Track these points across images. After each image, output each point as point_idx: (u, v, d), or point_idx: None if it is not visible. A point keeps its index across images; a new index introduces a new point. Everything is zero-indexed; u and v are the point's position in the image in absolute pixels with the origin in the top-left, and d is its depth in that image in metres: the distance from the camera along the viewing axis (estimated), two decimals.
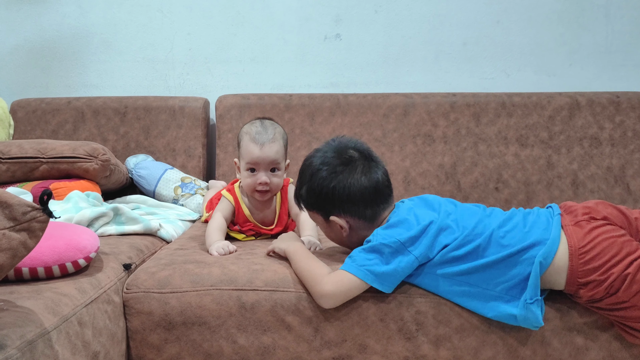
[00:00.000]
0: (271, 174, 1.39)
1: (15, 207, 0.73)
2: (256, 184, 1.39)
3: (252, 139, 1.38)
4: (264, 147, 1.37)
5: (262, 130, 1.39)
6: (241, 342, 1.12)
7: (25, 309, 0.84)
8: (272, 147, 1.38)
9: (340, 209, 1.14)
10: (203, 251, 1.32)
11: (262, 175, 1.38)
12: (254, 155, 1.37)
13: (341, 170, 1.14)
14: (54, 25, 2.21)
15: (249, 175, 1.40)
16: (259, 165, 1.38)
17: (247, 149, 1.38)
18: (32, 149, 1.62)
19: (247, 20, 2.19)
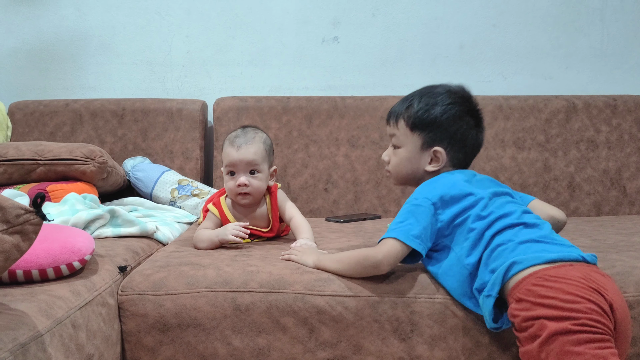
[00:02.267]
0: (251, 176, 1.40)
1: (8, 209, 0.73)
2: (236, 186, 1.40)
3: (230, 143, 1.41)
4: (241, 149, 1.39)
5: (241, 134, 1.42)
6: (236, 344, 1.13)
7: (19, 312, 0.84)
8: (249, 149, 1.39)
9: (450, 145, 1.17)
10: (199, 253, 1.32)
11: (241, 176, 1.39)
12: (232, 158, 1.39)
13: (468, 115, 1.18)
14: (52, 27, 2.21)
15: (229, 178, 1.42)
16: (236, 166, 1.39)
17: (225, 152, 1.41)
18: (30, 151, 1.63)
19: (245, 23, 2.20)
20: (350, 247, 1.35)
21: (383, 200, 1.98)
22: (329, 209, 1.98)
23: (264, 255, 1.28)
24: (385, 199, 1.98)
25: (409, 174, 1.20)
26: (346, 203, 1.98)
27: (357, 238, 1.49)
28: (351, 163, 1.99)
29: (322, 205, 1.98)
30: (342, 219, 1.80)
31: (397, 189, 1.97)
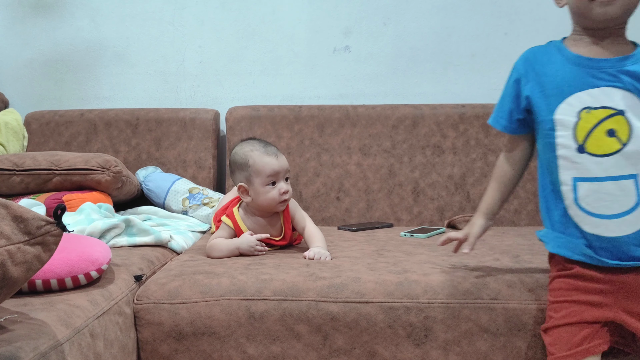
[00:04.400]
0: (286, 183, 1.43)
1: (30, 221, 0.75)
2: (279, 194, 1.40)
3: (264, 153, 1.40)
4: (279, 157, 1.41)
5: (266, 144, 1.44)
6: (250, 352, 1.14)
7: (39, 321, 0.85)
8: (283, 157, 1.43)
9: None
10: (213, 262, 1.33)
11: (283, 184, 1.41)
12: (275, 166, 1.39)
13: None
14: (68, 39, 2.25)
15: (270, 189, 1.40)
16: (278, 175, 1.40)
17: (263, 163, 1.39)
18: (46, 161, 1.65)
19: (257, 33, 2.22)
20: (363, 256, 1.36)
21: (395, 209, 1.98)
22: (341, 217, 1.99)
23: (277, 263, 1.29)
24: (397, 208, 1.98)
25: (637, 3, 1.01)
26: (358, 211, 1.98)
27: (370, 246, 1.49)
28: (363, 171, 2.00)
29: (334, 214, 1.99)
30: (355, 228, 1.81)
31: (409, 197, 1.97)
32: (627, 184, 0.96)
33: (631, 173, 0.96)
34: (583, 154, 0.98)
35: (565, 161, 1.00)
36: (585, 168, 0.98)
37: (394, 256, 1.35)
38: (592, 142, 0.98)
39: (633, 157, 0.96)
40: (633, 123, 0.96)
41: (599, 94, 0.98)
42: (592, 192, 0.98)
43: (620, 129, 0.96)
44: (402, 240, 1.58)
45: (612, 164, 0.96)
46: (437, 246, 1.23)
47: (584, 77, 0.99)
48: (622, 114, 0.96)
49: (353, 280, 1.16)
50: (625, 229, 0.96)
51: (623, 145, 0.96)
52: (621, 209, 0.96)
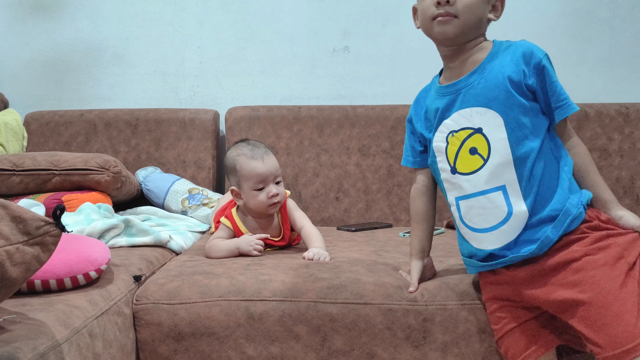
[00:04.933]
0: (277, 185, 1.41)
1: (29, 221, 0.75)
2: (268, 198, 1.39)
3: (250, 157, 1.39)
4: (265, 161, 1.39)
5: (254, 147, 1.42)
6: (250, 353, 1.14)
7: (37, 321, 0.85)
8: (271, 159, 1.41)
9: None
10: (212, 262, 1.33)
11: (272, 187, 1.40)
12: (261, 171, 1.38)
13: None
14: (68, 39, 2.25)
15: (258, 193, 1.40)
16: (266, 179, 1.39)
17: (249, 167, 1.39)
18: (45, 161, 1.65)
19: (256, 34, 2.22)
20: (362, 256, 1.36)
21: (394, 209, 1.98)
22: (340, 217, 1.99)
23: (277, 264, 1.29)
24: (396, 208, 1.98)
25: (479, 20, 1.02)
26: (357, 212, 1.99)
27: (369, 247, 1.49)
28: (362, 172, 2.00)
29: (334, 214, 1.99)
30: (354, 228, 1.81)
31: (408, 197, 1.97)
32: (495, 196, 0.99)
33: (498, 185, 0.99)
34: (456, 174, 1.04)
35: (447, 183, 1.07)
36: (461, 187, 1.03)
37: (392, 257, 1.35)
38: (460, 162, 1.03)
39: (496, 170, 0.99)
40: (490, 138, 0.99)
41: (459, 117, 1.02)
42: (470, 208, 1.03)
43: (480, 146, 1.00)
44: (401, 241, 1.58)
45: (479, 180, 1.00)
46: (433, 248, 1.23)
47: (447, 105, 1.04)
48: (479, 132, 1.00)
49: (352, 282, 1.16)
50: (504, 238, 0.99)
51: (485, 161, 1.00)
52: (496, 221, 1.00)
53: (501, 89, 0.98)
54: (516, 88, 0.98)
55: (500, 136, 0.98)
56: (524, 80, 0.98)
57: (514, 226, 0.98)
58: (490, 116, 0.99)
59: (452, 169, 1.04)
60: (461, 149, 1.02)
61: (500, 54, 1.01)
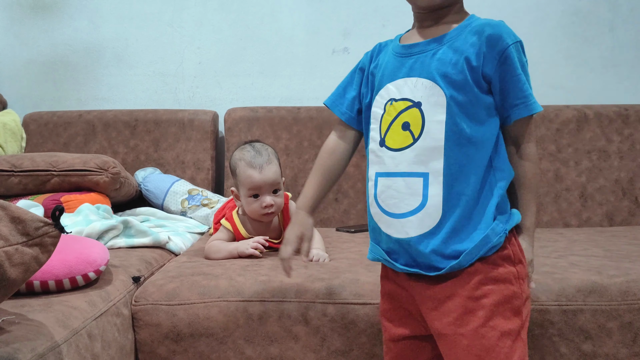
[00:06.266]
0: (274, 195, 1.40)
1: (28, 222, 0.75)
2: (261, 207, 1.39)
3: (249, 165, 1.38)
4: (263, 171, 1.37)
5: (256, 154, 1.39)
6: (248, 353, 1.13)
7: (36, 322, 0.85)
8: (271, 169, 1.38)
9: None
10: (211, 263, 1.33)
11: (267, 198, 1.38)
12: (256, 181, 1.37)
13: None
14: (67, 40, 2.24)
15: (252, 201, 1.39)
16: (261, 189, 1.38)
17: (246, 175, 1.38)
18: (44, 162, 1.65)
19: (256, 35, 2.22)
20: (361, 257, 1.36)
21: None
22: (339, 219, 1.99)
23: (276, 264, 1.29)
24: None
25: None
26: (357, 213, 1.98)
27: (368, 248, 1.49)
28: (362, 173, 2.00)
29: (333, 215, 1.99)
30: (353, 229, 1.80)
31: None
32: (415, 182, 0.87)
33: (421, 171, 0.86)
34: (383, 148, 0.91)
35: (373, 155, 0.93)
36: (384, 162, 0.90)
37: None
38: (390, 135, 0.90)
39: (423, 154, 0.86)
40: (426, 117, 0.86)
41: (403, 84, 0.89)
42: (386, 187, 0.90)
43: (413, 123, 0.87)
44: None
45: (402, 160, 0.88)
46: None
47: (397, 67, 0.91)
48: (417, 107, 0.87)
49: (351, 282, 1.16)
50: (409, 230, 0.87)
51: (414, 140, 0.87)
52: (407, 208, 0.87)
53: (455, 67, 0.85)
54: (471, 72, 0.85)
55: (439, 118, 0.85)
56: (482, 67, 0.85)
57: (423, 220, 0.86)
58: (434, 92, 0.86)
59: (382, 140, 0.91)
60: (395, 120, 0.89)
61: (469, 29, 0.87)
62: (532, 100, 0.87)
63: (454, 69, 0.85)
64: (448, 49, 0.87)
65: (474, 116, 0.86)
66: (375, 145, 0.93)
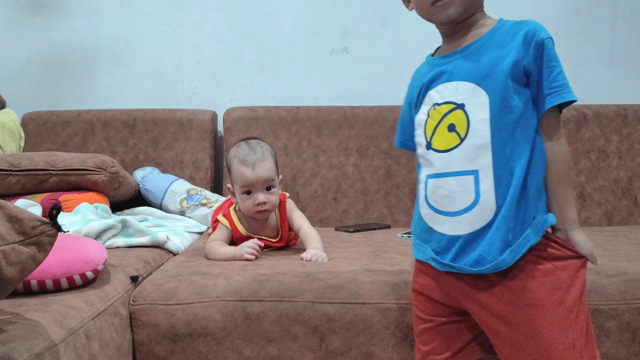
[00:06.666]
0: (267, 193, 1.40)
1: (24, 221, 0.74)
2: (254, 205, 1.39)
3: (242, 162, 1.38)
4: (256, 168, 1.37)
5: (250, 151, 1.39)
6: (247, 353, 1.13)
7: (33, 322, 0.85)
8: (264, 166, 1.38)
9: None
10: (209, 263, 1.33)
11: (259, 195, 1.38)
12: (248, 178, 1.37)
13: None
14: (65, 39, 2.24)
15: (245, 198, 1.39)
16: (254, 186, 1.38)
17: (239, 172, 1.38)
18: (42, 161, 1.65)
19: (255, 34, 2.22)
20: (360, 257, 1.36)
21: (392, 210, 1.98)
22: (338, 218, 1.98)
23: (274, 264, 1.29)
24: (394, 209, 1.98)
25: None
26: (355, 213, 1.98)
27: (367, 248, 1.49)
28: (360, 173, 2.00)
29: (332, 215, 1.99)
30: (352, 229, 1.80)
31: (407, 198, 1.97)
32: (466, 179, 0.91)
33: (471, 169, 0.91)
34: (430, 150, 0.96)
35: (422, 159, 0.99)
36: (433, 164, 0.95)
37: (390, 257, 1.35)
38: (436, 138, 0.95)
39: (472, 152, 0.91)
40: (471, 117, 0.91)
41: (444, 89, 0.95)
42: (437, 188, 0.94)
43: (459, 124, 0.92)
44: (399, 242, 1.58)
45: (451, 160, 0.93)
46: None
47: (435, 76, 0.97)
48: (461, 108, 0.92)
49: (350, 282, 1.16)
50: (465, 227, 0.91)
51: (461, 140, 0.92)
52: (461, 206, 0.91)
53: (494, 67, 0.90)
54: (511, 69, 0.90)
55: (482, 116, 0.90)
56: (522, 61, 0.90)
57: (478, 216, 0.90)
58: (476, 93, 0.91)
59: (428, 144, 0.96)
60: (440, 123, 0.95)
61: (502, 31, 0.93)
62: (568, 88, 0.91)
63: (493, 69, 0.90)
64: (485, 50, 0.93)
65: (515, 111, 0.90)
66: (422, 150, 0.98)
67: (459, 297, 0.95)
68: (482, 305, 0.92)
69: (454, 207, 0.92)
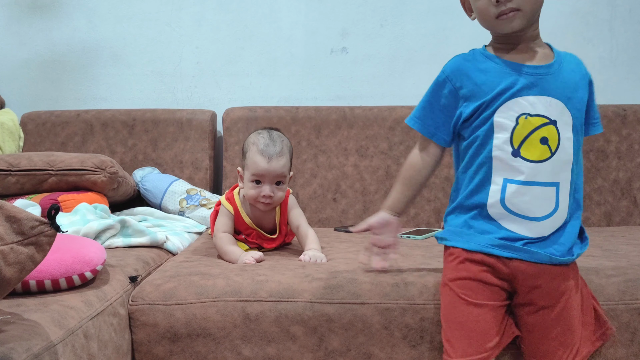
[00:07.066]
0: (275, 187, 1.39)
1: (23, 221, 0.74)
2: (259, 195, 1.38)
3: (259, 151, 1.37)
4: (272, 161, 1.36)
5: (270, 142, 1.38)
6: (246, 354, 1.13)
7: (32, 322, 0.85)
8: (279, 161, 1.37)
9: None
10: (208, 263, 1.33)
11: (267, 188, 1.38)
12: (261, 169, 1.36)
13: None
14: (65, 39, 2.24)
15: (253, 186, 1.39)
16: (264, 178, 1.38)
17: (253, 160, 1.37)
18: (41, 161, 1.65)
19: (254, 34, 2.22)
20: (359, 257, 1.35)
21: None
22: (337, 218, 1.98)
23: (273, 264, 1.29)
24: None
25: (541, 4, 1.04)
26: (355, 213, 1.98)
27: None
28: (360, 173, 2.00)
29: (331, 215, 1.98)
30: (351, 229, 1.80)
31: None
32: (549, 190, 1.01)
33: (554, 181, 1.01)
34: (517, 158, 1.01)
35: (499, 162, 1.02)
36: (519, 171, 1.01)
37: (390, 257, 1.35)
38: (526, 147, 1.01)
39: (558, 166, 1.01)
40: (562, 134, 1.01)
41: (536, 101, 1.01)
42: (520, 194, 1.01)
43: (551, 138, 1.01)
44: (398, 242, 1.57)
45: (540, 171, 1.00)
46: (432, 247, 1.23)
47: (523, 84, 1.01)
48: (554, 124, 1.01)
49: (349, 282, 1.16)
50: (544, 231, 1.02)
51: (552, 154, 1.00)
52: (543, 213, 1.01)
53: (575, 92, 1.03)
54: (582, 95, 1.04)
55: (568, 135, 1.01)
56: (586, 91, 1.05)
57: (553, 223, 1.02)
58: (564, 112, 1.01)
59: (515, 151, 1.01)
60: (532, 134, 1.00)
61: (566, 59, 1.06)
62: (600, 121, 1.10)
63: (575, 92, 1.03)
64: (566, 73, 1.04)
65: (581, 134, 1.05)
66: (503, 154, 1.02)
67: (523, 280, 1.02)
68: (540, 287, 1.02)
69: (535, 213, 1.01)
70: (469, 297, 1.03)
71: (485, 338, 1.01)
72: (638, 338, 1.10)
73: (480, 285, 1.03)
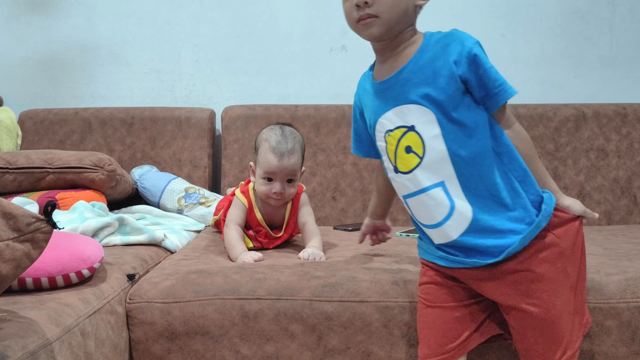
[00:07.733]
0: (287, 184, 1.39)
1: (19, 218, 0.74)
2: (270, 192, 1.39)
3: (271, 149, 1.36)
4: (283, 159, 1.36)
5: (283, 139, 1.37)
6: (244, 352, 1.13)
7: (28, 320, 0.84)
8: (291, 159, 1.37)
9: None
10: (207, 261, 1.32)
11: (278, 185, 1.38)
12: (272, 167, 1.36)
13: None
14: (63, 37, 2.23)
15: (264, 183, 1.39)
16: (276, 175, 1.38)
17: (265, 157, 1.37)
18: (39, 159, 1.64)
19: (253, 32, 2.21)
20: (358, 255, 1.35)
21: (391, 209, 1.97)
22: (337, 217, 1.98)
23: (272, 262, 1.28)
24: (393, 208, 1.95)
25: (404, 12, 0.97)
26: (354, 211, 1.98)
27: (366, 246, 1.48)
28: (359, 171, 1.99)
29: (330, 214, 1.98)
30: (350, 228, 1.80)
31: None
32: (437, 192, 0.97)
33: (437, 181, 0.97)
34: (398, 174, 1.02)
35: (394, 182, 1.05)
36: (404, 185, 1.01)
37: (389, 256, 1.35)
38: (400, 161, 1.00)
39: (433, 167, 0.96)
40: (423, 136, 0.96)
41: (392, 115, 0.99)
42: (415, 205, 1.01)
43: (414, 144, 0.97)
44: (398, 240, 1.57)
45: (418, 178, 0.98)
46: None
47: (381, 103, 1.01)
48: (412, 130, 0.97)
49: (348, 280, 1.15)
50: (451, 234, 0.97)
51: (421, 159, 0.97)
52: (441, 217, 0.97)
53: (432, 84, 0.95)
54: (447, 81, 0.94)
55: (434, 132, 0.95)
56: (456, 72, 0.94)
57: (459, 221, 0.96)
58: (422, 113, 0.96)
59: (395, 168, 1.02)
60: (398, 147, 1.00)
61: (431, 47, 0.97)
62: (507, 85, 0.96)
63: (431, 86, 0.95)
64: (419, 70, 0.96)
65: (464, 118, 0.95)
66: (392, 174, 1.04)
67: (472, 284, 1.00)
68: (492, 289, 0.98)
69: (435, 219, 0.98)
70: (428, 300, 1.04)
71: (444, 340, 1.00)
72: (639, 336, 1.10)
73: (438, 288, 1.03)
